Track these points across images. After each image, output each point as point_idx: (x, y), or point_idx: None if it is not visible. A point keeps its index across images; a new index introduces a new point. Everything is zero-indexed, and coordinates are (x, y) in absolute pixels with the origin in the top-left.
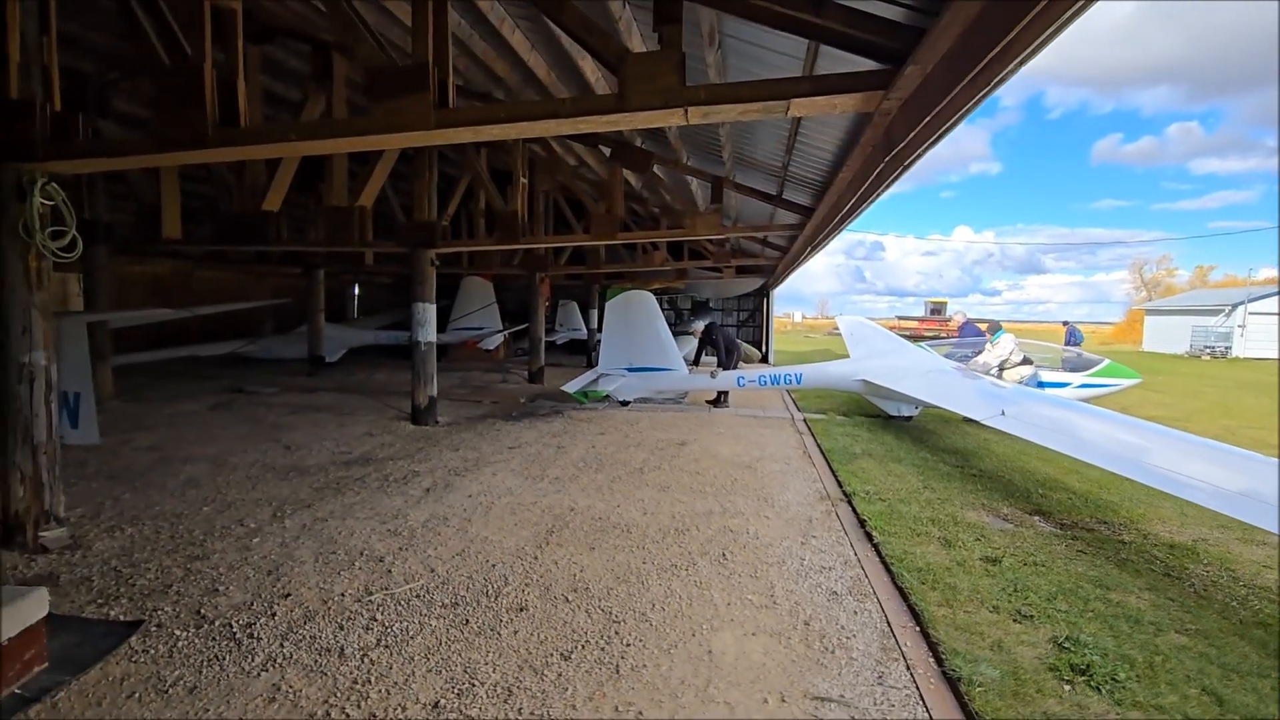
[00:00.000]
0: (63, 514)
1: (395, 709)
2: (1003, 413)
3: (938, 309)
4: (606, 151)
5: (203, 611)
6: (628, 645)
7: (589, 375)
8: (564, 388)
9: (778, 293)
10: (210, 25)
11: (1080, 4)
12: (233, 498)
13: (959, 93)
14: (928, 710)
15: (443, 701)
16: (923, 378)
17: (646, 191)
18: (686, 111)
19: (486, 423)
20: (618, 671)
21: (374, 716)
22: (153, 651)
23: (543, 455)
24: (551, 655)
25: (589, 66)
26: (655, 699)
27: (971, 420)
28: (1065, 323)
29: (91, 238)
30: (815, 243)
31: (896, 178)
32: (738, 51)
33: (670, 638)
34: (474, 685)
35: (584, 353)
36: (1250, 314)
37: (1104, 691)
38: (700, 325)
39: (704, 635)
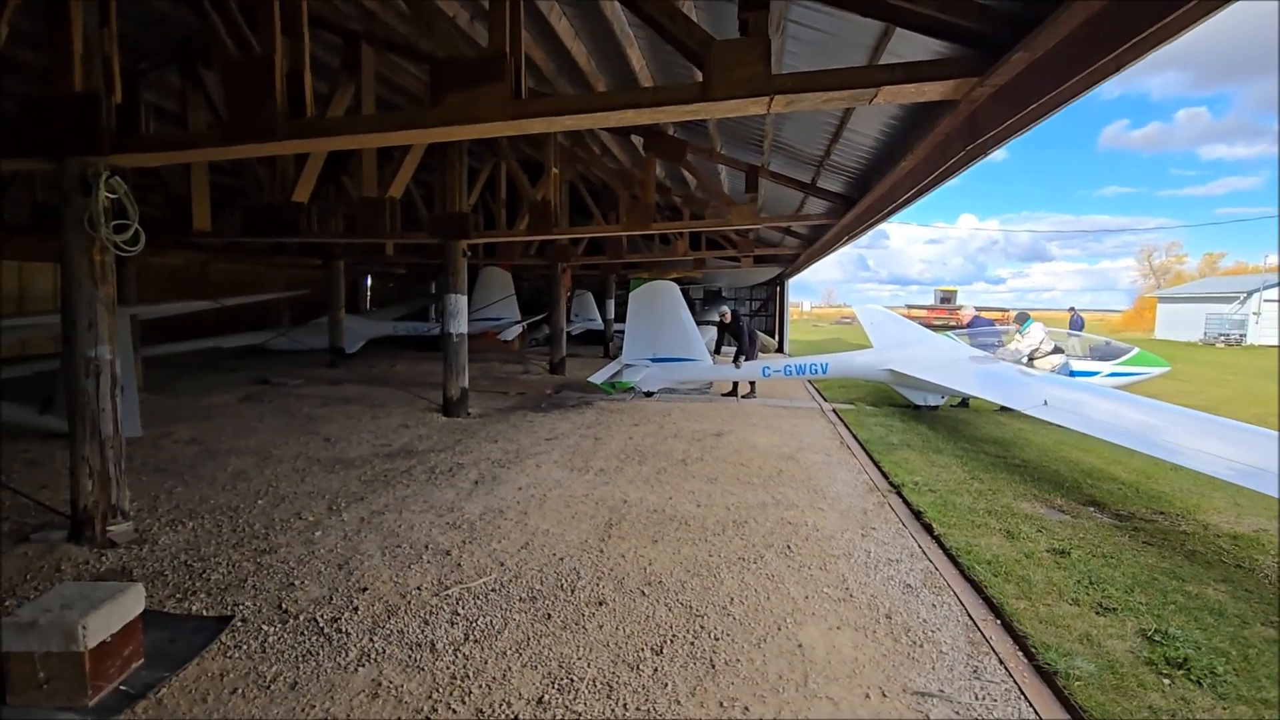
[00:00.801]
0: (127, 508)
1: (500, 705)
2: (1045, 402)
3: (947, 297)
4: (639, 141)
5: (284, 606)
6: (716, 640)
7: (613, 366)
8: (591, 379)
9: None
10: (280, 16)
11: None
12: (284, 490)
13: (1080, 79)
14: (1032, 706)
15: (546, 697)
16: (956, 368)
17: (669, 180)
18: (772, 100)
19: (518, 414)
20: (713, 666)
21: (480, 713)
22: (246, 647)
23: (582, 447)
24: (643, 650)
25: (635, 55)
26: (757, 694)
27: (1007, 409)
28: (1071, 309)
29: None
30: (855, 231)
31: (968, 166)
32: (794, 36)
33: (757, 632)
34: (573, 681)
35: (600, 343)
36: (1265, 301)
37: (1205, 686)
38: (727, 309)
39: (790, 629)
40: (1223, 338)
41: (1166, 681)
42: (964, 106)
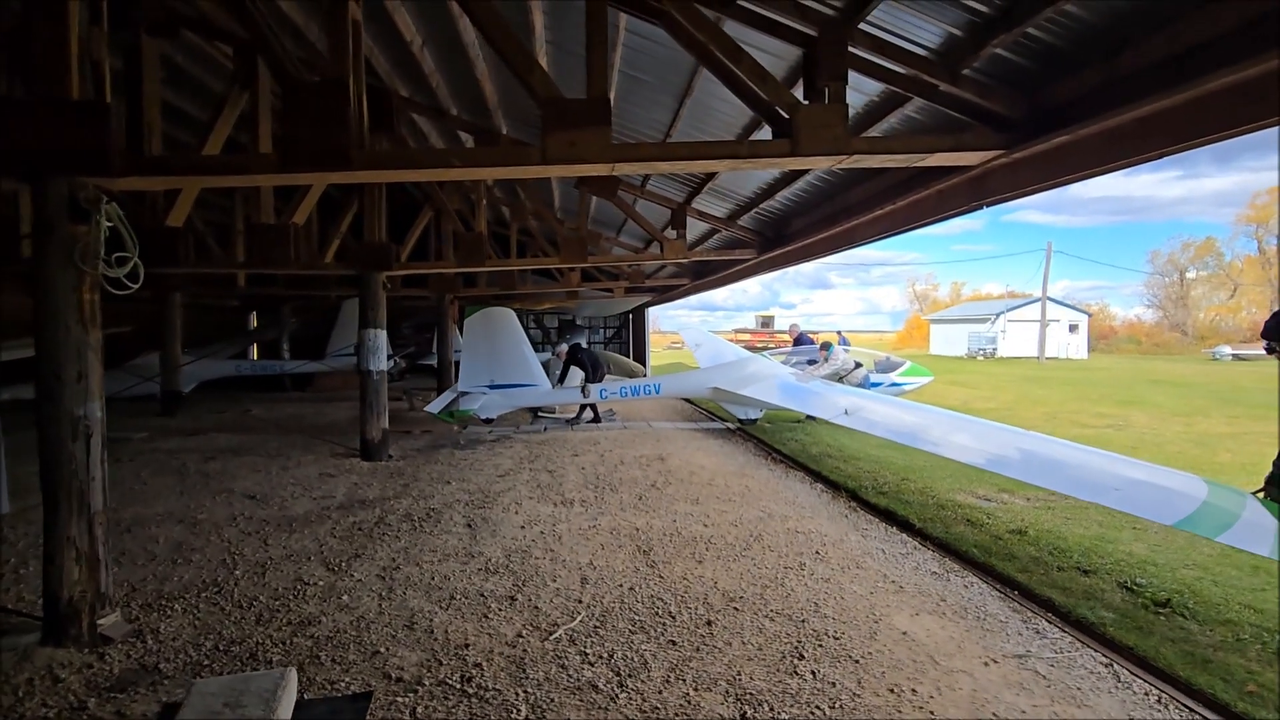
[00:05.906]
0: (113, 595)
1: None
2: (845, 411)
3: (766, 322)
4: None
5: (394, 675)
6: (837, 638)
7: (449, 394)
8: (427, 408)
9: None
10: (352, 34)
11: None
12: (255, 557)
13: (1111, 165)
14: (1095, 650)
15: (747, 714)
16: (769, 384)
17: (562, 214)
18: (846, 158)
19: (444, 453)
20: (856, 661)
21: None
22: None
23: (543, 481)
24: (786, 658)
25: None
26: (909, 677)
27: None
28: (839, 332)
29: None
30: (778, 266)
31: (958, 217)
32: None
33: (862, 627)
34: (753, 695)
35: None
36: (1009, 321)
37: (1188, 617)
38: (564, 348)
39: (884, 620)
40: (981, 352)
41: (1163, 618)
42: (978, 170)
